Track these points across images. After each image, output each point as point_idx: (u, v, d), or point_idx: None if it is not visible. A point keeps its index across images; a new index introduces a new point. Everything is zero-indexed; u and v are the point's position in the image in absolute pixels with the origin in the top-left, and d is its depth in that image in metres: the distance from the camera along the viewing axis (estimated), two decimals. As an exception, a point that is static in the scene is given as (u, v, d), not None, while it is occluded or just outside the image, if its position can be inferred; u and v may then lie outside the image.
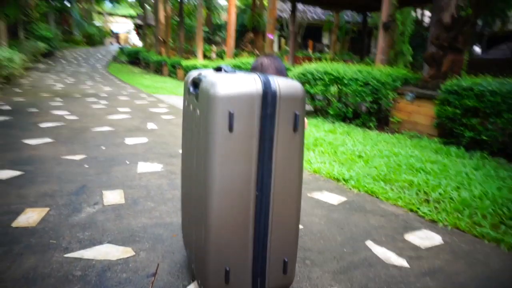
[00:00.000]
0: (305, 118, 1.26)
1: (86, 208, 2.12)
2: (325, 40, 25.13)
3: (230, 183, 1.12)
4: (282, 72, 1.64)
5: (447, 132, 4.37)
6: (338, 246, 1.85)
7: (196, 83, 1.22)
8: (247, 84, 1.09)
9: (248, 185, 1.14)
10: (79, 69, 15.06)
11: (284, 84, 1.09)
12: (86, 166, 2.89)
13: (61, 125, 4.45)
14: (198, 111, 1.17)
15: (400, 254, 1.81)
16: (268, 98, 1.09)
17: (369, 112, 5.43)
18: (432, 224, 2.18)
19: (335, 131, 4.71)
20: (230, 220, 1.14)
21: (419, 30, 14.99)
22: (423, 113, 4.80)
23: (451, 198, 2.49)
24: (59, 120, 4.73)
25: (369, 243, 1.89)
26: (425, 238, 2.01)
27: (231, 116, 1.07)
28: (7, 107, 5.50)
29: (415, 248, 1.89)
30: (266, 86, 1.09)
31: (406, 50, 11.44)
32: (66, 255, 1.63)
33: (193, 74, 1.30)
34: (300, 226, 2.05)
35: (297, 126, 1.11)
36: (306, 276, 1.59)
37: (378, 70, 5.47)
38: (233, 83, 1.08)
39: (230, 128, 1.07)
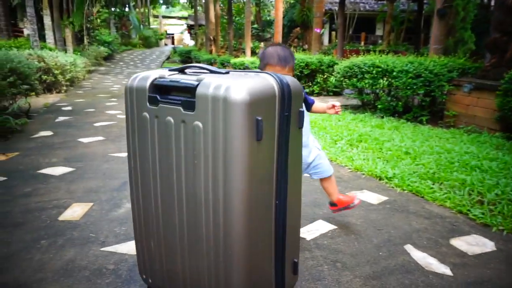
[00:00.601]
0: None
1: (126, 204, 2.22)
2: (379, 32, 24.04)
3: (256, 197, 0.99)
4: (286, 60, 1.57)
5: (510, 126, 3.95)
6: (373, 249, 1.74)
7: (176, 88, 1.02)
8: (267, 86, 0.98)
9: (271, 195, 1.06)
10: (135, 70, 15.92)
11: (291, 82, 1.02)
12: (131, 163, 3.03)
13: (113, 123, 4.72)
14: (195, 123, 0.96)
15: (443, 260, 1.66)
16: (285, 99, 1.02)
17: (421, 105, 5.09)
18: (484, 229, 1.97)
19: (383, 126, 4.48)
20: (258, 234, 1.04)
21: (484, 15, 13.74)
22: (482, 105, 4.38)
23: (510, 200, 2.24)
24: (112, 119, 5.03)
25: (408, 247, 1.76)
26: (474, 244, 1.82)
27: (259, 124, 0.93)
28: (69, 108, 5.95)
29: (462, 254, 1.72)
30: (282, 86, 1.01)
31: (468, 38, 10.53)
32: (102, 249, 1.72)
33: (148, 77, 1.08)
34: (334, 227, 1.97)
35: (301, 123, 1.05)
36: (335, 279, 1.51)
37: (432, 60, 5.09)
38: (254, 85, 0.95)
39: (258, 137, 0.94)
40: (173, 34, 46.56)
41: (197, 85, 0.95)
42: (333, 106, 1.76)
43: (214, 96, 0.91)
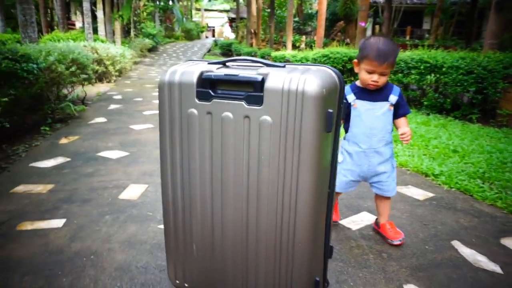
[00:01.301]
0: None
1: (178, 187, 2.37)
2: (426, 25, 23.00)
3: (320, 188, 1.01)
4: (386, 56, 1.50)
5: None
6: (420, 243, 1.76)
7: (233, 82, 0.99)
8: (332, 79, 1.01)
9: (326, 184, 1.07)
10: (177, 62, 16.38)
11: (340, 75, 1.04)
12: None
13: (161, 113, 4.96)
14: (263, 118, 0.96)
15: (492, 258, 1.65)
16: (343, 91, 1.07)
17: (472, 103, 4.88)
18: (538, 230, 1.92)
19: (429, 123, 4.36)
20: (317, 226, 1.06)
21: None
22: (540, 104, 4.14)
23: None
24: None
25: (456, 243, 1.76)
26: (526, 243, 1.79)
27: (329, 116, 0.96)
28: (119, 97, 6.30)
29: (513, 254, 1.69)
30: (340, 79, 1.05)
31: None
32: (159, 226, 1.87)
33: (191, 71, 1.04)
34: (379, 219, 1.99)
35: (344, 116, 1.10)
36: (381, 268, 1.55)
37: (486, 56, 4.86)
38: (325, 79, 0.96)
39: (328, 129, 0.96)
40: (214, 27, 47.20)
41: (262, 79, 0.96)
42: (402, 134, 1.61)
43: (289, 90, 0.92)
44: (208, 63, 1.13)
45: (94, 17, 11.42)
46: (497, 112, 4.68)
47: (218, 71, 1.05)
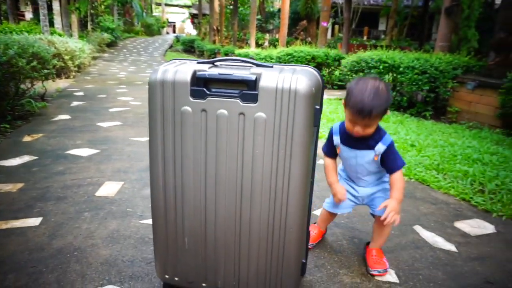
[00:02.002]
0: None
1: (155, 183, 2.39)
2: (382, 26, 24.06)
3: (306, 180, 1.11)
4: (371, 111, 1.32)
5: (511, 123, 4.14)
6: (386, 229, 1.93)
7: (227, 81, 1.05)
8: (316, 78, 1.12)
9: (311, 175, 1.18)
10: (138, 58, 15.96)
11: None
12: (152, 147, 3.20)
13: (127, 109, 4.87)
14: (258, 114, 1.04)
15: (448, 239, 1.85)
16: (323, 89, 1.19)
17: (425, 101, 5.26)
18: (485, 214, 2.17)
19: (388, 120, 4.65)
20: (304, 213, 1.16)
21: (489, 14, 13.83)
22: (485, 102, 4.56)
23: (509, 190, 2.43)
24: (125, 105, 5.18)
25: (417, 228, 1.95)
26: (476, 226, 2.01)
27: (317, 112, 1.07)
28: (81, 93, 6.08)
29: (465, 235, 1.91)
30: (321, 78, 1.16)
31: (472, 36, 10.66)
32: (141, 221, 1.90)
33: (184, 70, 1.09)
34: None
35: None
36: (354, 252, 1.70)
37: (438, 57, 5.25)
38: (312, 78, 1.06)
39: (316, 123, 1.08)
40: (174, 22, 46.26)
41: (256, 78, 1.03)
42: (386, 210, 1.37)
43: (282, 89, 1.00)
44: (198, 63, 1.18)
45: (49, 9, 10.85)
46: (447, 110, 5.08)
47: (210, 71, 1.11)
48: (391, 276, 1.53)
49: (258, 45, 17.04)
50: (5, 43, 3.75)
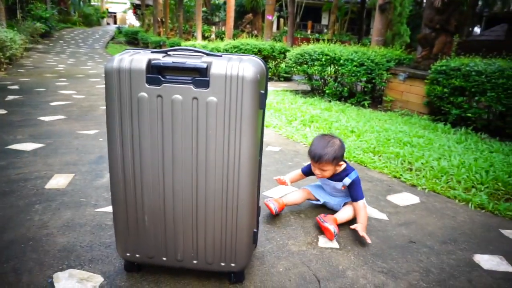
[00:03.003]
0: None
1: (107, 174, 2.40)
2: (324, 21, 25.00)
3: (255, 154, 1.23)
4: (320, 158, 1.81)
5: (435, 110, 4.64)
6: (328, 204, 2.14)
7: (180, 69, 1.16)
8: (261, 66, 1.26)
9: (259, 154, 1.33)
10: (78, 50, 15.11)
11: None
12: (101, 140, 3.16)
13: (71, 103, 4.69)
14: (210, 99, 1.15)
15: (381, 210, 2.11)
16: (267, 76, 1.33)
17: (364, 91, 5.68)
18: (412, 188, 2.47)
19: (331, 109, 4.97)
20: (255, 183, 1.29)
21: (418, 11, 15.02)
22: (414, 92, 5.05)
23: (431, 167, 2.78)
24: (68, 99, 4.97)
25: (355, 202, 2.19)
26: (404, 198, 2.31)
27: (262, 96, 1.20)
28: (16, 87, 5.71)
29: (395, 206, 2.18)
30: (265, 66, 1.31)
31: (404, 31, 11.55)
32: (96, 210, 1.92)
33: (139, 59, 1.17)
34: (295, 188, 2.34)
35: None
36: (300, 225, 1.88)
37: (373, 51, 5.68)
38: (257, 66, 1.19)
39: (262, 106, 1.22)
40: (115, 13, 44.06)
41: (207, 66, 1.14)
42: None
43: (231, 75, 1.12)
44: (152, 52, 1.27)
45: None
46: (383, 99, 5.54)
47: (164, 59, 1.20)
48: (333, 243, 1.73)
49: (204, 37, 16.90)
50: None
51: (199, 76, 1.16)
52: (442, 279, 1.51)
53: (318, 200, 2.06)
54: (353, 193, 1.88)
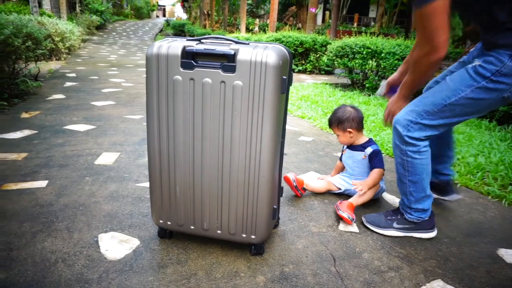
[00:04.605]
0: None
1: (148, 154, 2.62)
2: (372, 14, 24.21)
3: (277, 135, 1.34)
4: (339, 122, 2.04)
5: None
6: (354, 192, 2.20)
7: (211, 55, 1.28)
8: (284, 53, 1.35)
9: (281, 135, 1.43)
10: (128, 41, 15.89)
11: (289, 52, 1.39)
12: (145, 124, 3.41)
13: (120, 90, 5.04)
14: (236, 83, 1.26)
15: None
16: (291, 63, 1.42)
17: (406, 86, 5.53)
18: (443, 182, 2.45)
19: (369, 102, 4.92)
20: (275, 164, 1.40)
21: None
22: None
23: (467, 163, 2.72)
24: (117, 86, 5.34)
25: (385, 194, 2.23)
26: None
27: (284, 81, 1.30)
28: (73, 75, 6.21)
29: (422, 198, 2.19)
30: (289, 54, 1.40)
31: (456, 24, 10.95)
32: (137, 185, 2.13)
33: (176, 46, 1.30)
34: (324, 175, 2.41)
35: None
36: (323, 209, 1.96)
37: (418, 44, 5.50)
38: (280, 53, 1.28)
39: (283, 90, 1.31)
40: (164, 6, 45.57)
41: (235, 53, 1.25)
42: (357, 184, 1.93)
43: (255, 61, 1.23)
44: (187, 40, 1.41)
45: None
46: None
47: (197, 46, 1.34)
48: (353, 227, 1.80)
49: (248, 30, 17.09)
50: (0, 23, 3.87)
51: (227, 62, 1.28)
52: (459, 268, 1.53)
53: (339, 189, 2.13)
54: (374, 162, 2.01)
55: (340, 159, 2.23)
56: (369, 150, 2.04)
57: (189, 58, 1.32)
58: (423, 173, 1.63)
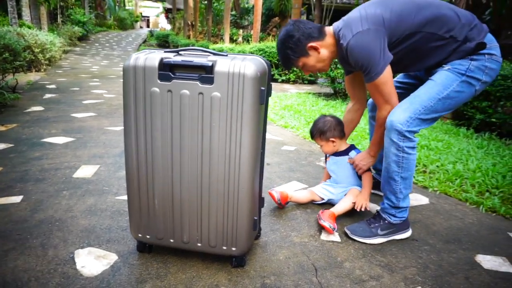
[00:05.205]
0: None
1: (129, 166, 2.57)
2: (353, 24, 24.70)
3: (257, 146, 1.33)
4: (321, 133, 2.09)
5: (459, 115, 4.56)
6: (336, 201, 2.21)
7: (189, 66, 1.27)
8: (263, 65, 1.36)
9: (260, 146, 1.43)
10: (111, 52, 15.76)
11: (268, 64, 1.40)
12: (126, 136, 3.36)
13: (101, 101, 4.97)
14: (214, 94, 1.26)
15: (388, 209, 2.15)
16: (269, 74, 1.43)
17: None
18: (423, 190, 2.49)
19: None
20: (255, 175, 1.40)
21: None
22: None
23: (446, 170, 2.77)
24: (99, 97, 5.27)
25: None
26: (413, 199, 2.33)
27: (262, 92, 1.30)
28: (53, 86, 6.10)
29: (402, 205, 2.21)
30: (268, 65, 1.41)
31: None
32: (117, 197, 2.09)
33: (153, 58, 1.29)
34: (305, 185, 2.42)
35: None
36: (305, 219, 1.96)
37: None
38: (258, 65, 1.30)
39: (261, 101, 1.31)
40: (148, 16, 45.52)
41: (212, 64, 1.25)
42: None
43: (233, 73, 1.23)
44: (165, 52, 1.40)
45: (17, 0, 10.59)
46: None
47: (175, 58, 1.33)
48: (335, 237, 1.80)
49: (232, 40, 17.18)
50: (-24, 34, 3.79)
51: (205, 73, 1.28)
52: (438, 275, 1.55)
53: (322, 199, 2.13)
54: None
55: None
56: (353, 153, 2.10)
57: (167, 70, 1.31)
58: (413, 169, 1.76)
